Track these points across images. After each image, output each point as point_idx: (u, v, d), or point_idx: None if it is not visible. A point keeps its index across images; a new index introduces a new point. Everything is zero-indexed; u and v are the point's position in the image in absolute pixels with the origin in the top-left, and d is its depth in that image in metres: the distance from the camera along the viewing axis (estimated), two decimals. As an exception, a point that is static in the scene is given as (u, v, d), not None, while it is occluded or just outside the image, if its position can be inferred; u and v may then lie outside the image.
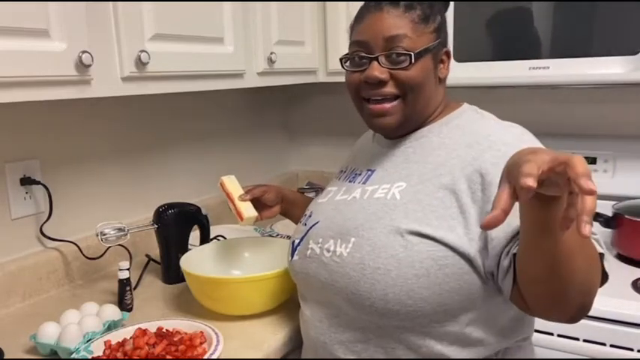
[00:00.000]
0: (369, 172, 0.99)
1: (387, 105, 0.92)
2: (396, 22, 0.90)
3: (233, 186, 1.17)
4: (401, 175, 0.93)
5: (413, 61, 0.89)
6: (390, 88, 0.91)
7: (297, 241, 1.01)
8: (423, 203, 0.86)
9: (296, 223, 1.15)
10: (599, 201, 1.65)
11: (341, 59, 0.97)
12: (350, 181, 1.01)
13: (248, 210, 1.14)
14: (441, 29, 0.94)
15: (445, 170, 0.88)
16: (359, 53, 0.93)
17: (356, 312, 0.89)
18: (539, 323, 1.20)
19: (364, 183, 0.97)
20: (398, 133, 0.98)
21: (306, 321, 1.00)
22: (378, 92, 0.92)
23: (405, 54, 0.89)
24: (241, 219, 1.14)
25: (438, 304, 0.83)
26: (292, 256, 1.01)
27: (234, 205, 1.15)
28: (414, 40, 0.90)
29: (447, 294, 0.83)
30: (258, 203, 1.18)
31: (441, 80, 0.96)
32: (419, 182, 0.89)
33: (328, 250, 0.92)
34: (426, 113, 0.96)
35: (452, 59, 0.98)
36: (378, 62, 0.91)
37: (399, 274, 0.83)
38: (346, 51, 0.97)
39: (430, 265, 0.82)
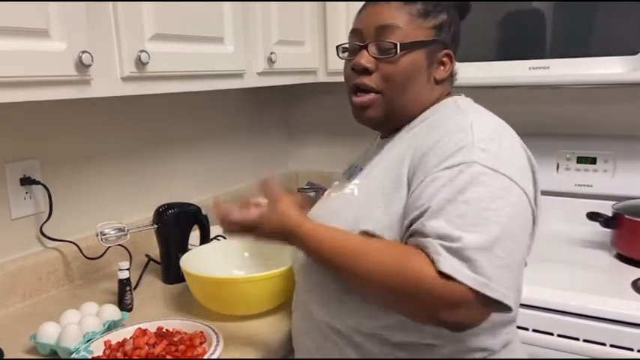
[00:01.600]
0: (358, 170, 0.99)
1: (366, 98, 0.91)
2: (392, 13, 0.89)
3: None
4: (365, 172, 0.94)
5: (398, 52, 0.87)
6: (371, 81, 0.90)
7: None
8: (371, 198, 0.87)
9: None
10: (599, 201, 1.66)
11: (337, 47, 0.98)
12: (347, 178, 1.02)
13: None
14: (442, 28, 0.91)
15: (396, 162, 0.87)
16: (353, 42, 0.93)
17: (309, 303, 0.94)
18: (540, 323, 1.21)
19: (352, 179, 0.97)
20: (383, 128, 0.97)
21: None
22: (361, 80, 0.91)
23: (391, 44, 0.88)
24: None
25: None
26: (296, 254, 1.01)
27: None
28: (407, 32, 0.88)
29: None
30: None
31: (438, 82, 0.93)
32: (371, 177, 0.90)
33: None
34: (411, 112, 0.93)
35: (454, 63, 0.95)
36: (368, 51, 0.90)
37: None
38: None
39: None
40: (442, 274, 0.70)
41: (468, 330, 0.76)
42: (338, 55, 0.98)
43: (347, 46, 0.96)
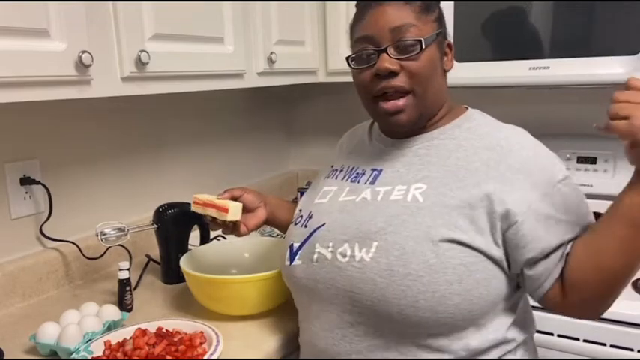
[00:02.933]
0: (376, 172, 0.95)
1: (400, 102, 0.89)
2: (400, 13, 0.89)
3: (206, 197, 1.08)
4: (417, 177, 0.90)
5: (424, 46, 0.88)
6: (401, 81, 0.89)
7: (296, 245, 0.95)
8: (450, 206, 0.84)
9: (283, 228, 1.11)
10: (599, 201, 1.65)
11: (347, 59, 0.94)
12: (353, 181, 0.97)
13: (230, 203, 1.04)
14: (441, 20, 0.94)
15: (468, 173, 0.87)
16: (366, 49, 0.91)
17: (378, 319, 0.85)
18: (540, 323, 1.20)
19: (372, 183, 0.94)
20: (412, 129, 0.95)
21: (312, 331, 0.94)
22: (390, 84, 0.89)
23: (415, 41, 0.88)
24: (226, 212, 1.03)
25: (467, 310, 0.83)
26: (292, 261, 0.95)
27: (215, 206, 1.05)
28: (421, 28, 0.89)
29: (477, 300, 0.83)
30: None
31: (445, 72, 0.96)
32: (441, 185, 0.87)
33: (344, 255, 0.87)
34: (437, 106, 0.94)
35: (453, 52, 0.97)
36: (387, 54, 0.88)
37: (430, 280, 0.81)
38: (346, 50, 0.96)
39: (462, 272, 0.81)
40: None
41: None
42: (349, 65, 0.94)
43: (355, 55, 0.93)
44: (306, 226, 0.96)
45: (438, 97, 0.94)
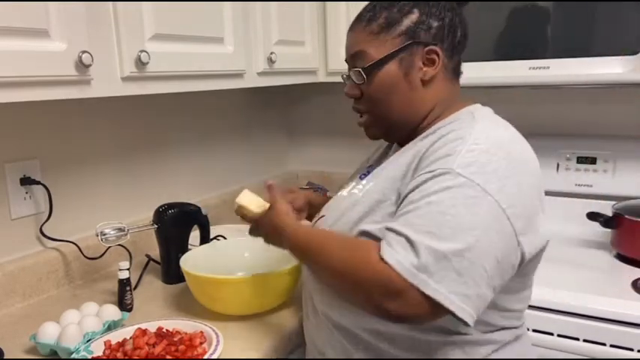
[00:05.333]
0: (370, 170, 1.01)
1: (362, 119, 0.97)
2: (356, 39, 0.93)
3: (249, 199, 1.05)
4: (374, 175, 0.95)
5: (364, 76, 0.91)
6: (361, 104, 0.96)
7: None
8: (372, 200, 0.88)
9: None
10: (599, 201, 1.66)
11: (342, 77, 1.01)
12: (359, 178, 1.03)
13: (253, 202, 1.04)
14: (416, 29, 0.88)
15: (400, 169, 0.88)
16: (347, 72, 0.97)
17: (331, 312, 0.94)
18: (540, 323, 1.21)
19: (361, 180, 0.99)
20: (392, 140, 1.01)
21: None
22: (355, 105, 0.97)
23: (358, 72, 0.92)
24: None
25: None
26: None
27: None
28: (373, 53, 0.90)
29: None
30: None
31: (427, 82, 0.90)
32: (379, 180, 0.91)
33: None
34: (411, 119, 0.92)
35: (442, 58, 0.90)
36: (352, 79, 0.94)
37: None
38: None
39: None
40: (383, 261, 0.75)
41: (414, 323, 0.82)
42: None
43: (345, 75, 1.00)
44: (316, 221, 1.03)
45: (407, 112, 0.92)
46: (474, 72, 1.45)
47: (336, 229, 0.92)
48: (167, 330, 1.01)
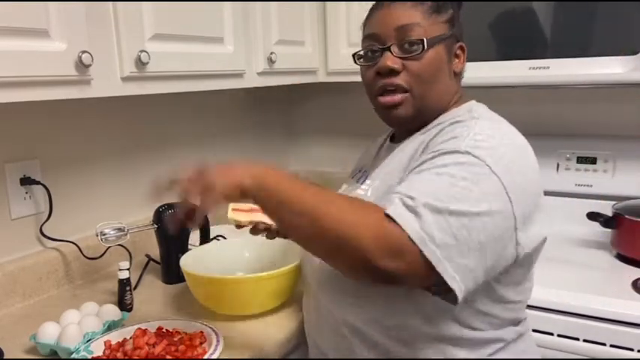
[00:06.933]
0: (365, 173, 1.01)
1: (397, 97, 0.91)
2: (408, 13, 0.91)
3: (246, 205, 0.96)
4: (377, 174, 0.95)
5: (426, 47, 0.89)
6: (401, 80, 0.90)
7: None
8: (381, 193, 0.89)
9: None
10: (599, 201, 1.65)
11: (354, 56, 0.97)
12: (357, 181, 1.03)
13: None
14: (454, 22, 0.94)
15: (406, 160, 0.89)
16: (372, 46, 0.93)
17: (336, 309, 0.94)
18: (540, 323, 1.21)
19: (362, 183, 0.99)
20: (412, 125, 0.95)
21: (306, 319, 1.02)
22: (390, 82, 0.91)
23: (417, 41, 0.89)
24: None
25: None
26: (306, 257, 1.02)
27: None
28: (426, 28, 0.89)
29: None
30: None
31: (456, 74, 0.96)
32: (384, 178, 0.91)
33: None
34: (440, 106, 0.94)
35: (465, 56, 0.97)
36: (391, 52, 0.90)
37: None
38: (346, 50, 0.97)
39: None
40: (388, 217, 0.72)
41: (400, 284, 0.77)
42: (355, 62, 0.97)
43: (362, 52, 0.96)
44: None
45: (441, 98, 0.94)
46: (473, 72, 1.44)
47: None
48: (167, 330, 1.01)
